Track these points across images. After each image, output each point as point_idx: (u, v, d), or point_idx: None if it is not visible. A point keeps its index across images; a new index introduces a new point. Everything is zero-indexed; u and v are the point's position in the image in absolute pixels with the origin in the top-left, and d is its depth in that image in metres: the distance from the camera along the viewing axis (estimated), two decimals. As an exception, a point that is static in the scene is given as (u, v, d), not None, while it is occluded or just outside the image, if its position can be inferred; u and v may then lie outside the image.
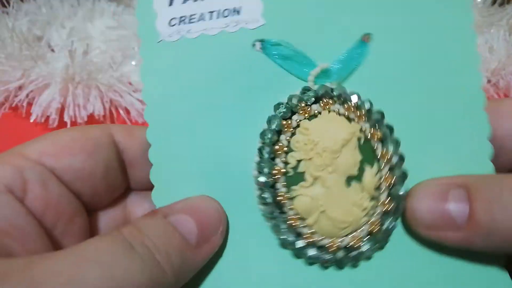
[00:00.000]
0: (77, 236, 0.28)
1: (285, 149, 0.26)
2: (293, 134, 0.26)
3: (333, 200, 0.26)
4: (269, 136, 0.26)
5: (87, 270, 0.19)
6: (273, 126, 0.26)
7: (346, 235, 0.26)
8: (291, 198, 0.26)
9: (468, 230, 0.23)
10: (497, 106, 0.27)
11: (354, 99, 0.26)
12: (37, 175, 0.26)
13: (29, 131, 0.50)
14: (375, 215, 0.26)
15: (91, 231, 0.30)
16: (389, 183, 0.26)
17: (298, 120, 0.26)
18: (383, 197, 0.26)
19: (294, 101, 0.26)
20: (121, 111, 0.51)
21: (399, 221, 0.26)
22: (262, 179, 0.26)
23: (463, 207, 0.23)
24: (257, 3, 0.27)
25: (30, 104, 0.50)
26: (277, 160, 0.26)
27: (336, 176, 0.26)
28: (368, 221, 0.26)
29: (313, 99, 0.26)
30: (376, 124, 0.26)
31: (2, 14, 0.55)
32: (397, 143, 0.26)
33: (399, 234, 0.26)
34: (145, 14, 0.27)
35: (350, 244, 0.26)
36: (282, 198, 0.26)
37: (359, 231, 0.26)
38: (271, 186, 0.26)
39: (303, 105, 0.26)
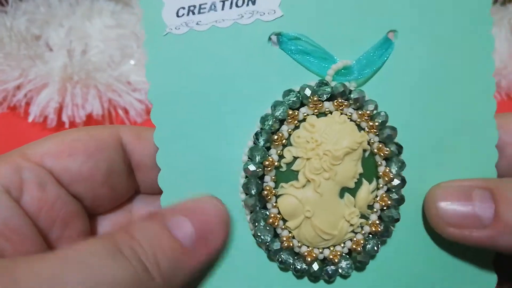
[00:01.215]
0: (75, 240, 0.27)
1: (284, 141, 0.24)
2: (296, 127, 0.24)
3: (321, 208, 0.24)
4: (270, 122, 0.24)
5: (69, 272, 0.19)
6: (277, 113, 0.24)
7: (327, 248, 0.25)
8: (277, 195, 0.24)
9: (493, 229, 0.23)
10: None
11: (371, 107, 0.24)
12: (35, 176, 0.25)
13: (27, 131, 0.50)
14: (361, 233, 0.25)
15: (92, 235, 0.29)
16: (384, 204, 0.24)
17: (305, 114, 0.24)
18: (374, 217, 0.25)
19: (307, 92, 0.24)
20: (119, 111, 0.51)
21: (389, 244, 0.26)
22: (251, 167, 0.24)
23: (488, 207, 0.23)
24: None
25: (28, 104, 0.50)
26: (272, 151, 0.24)
27: (331, 184, 0.24)
28: (353, 238, 0.25)
29: (328, 95, 0.24)
30: (386, 140, 0.24)
31: (0, 13, 0.54)
32: (402, 165, 0.24)
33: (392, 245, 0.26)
34: (151, 2, 0.24)
35: (329, 257, 0.24)
36: (267, 192, 0.24)
37: (340, 246, 0.25)
38: (259, 177, 0.24)
39: (315, 99, 0.24)
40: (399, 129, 0.25)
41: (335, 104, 0.24)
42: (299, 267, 0.24)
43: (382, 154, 0.24)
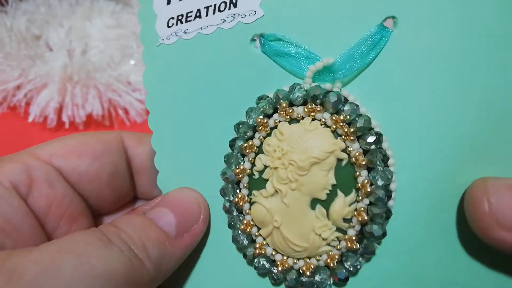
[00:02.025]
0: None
1: (255, 149, 0.23)
2: (268, 134, 0.23)
3: (290, 219, 0.23)
4: (243, 130, 0.24)
5: (64, 260, 0.20)
6: (250, 121, 0.23)
7: (302, 258, 0.24)
8: (251, 203, 0.24)
9: None
10: None
11: (347, 111, 0.22)
12: (44, 174, 0.26)
13: (27, 131, 0.50)
14: (337, 248, 0.23)
15: None
16: (362, 219, 0.22)
17: (277, 121, 0.23)
18: (351, 232, 0.22)
19: (278, 98, 0.23)
20: (119, 111, 0.51)
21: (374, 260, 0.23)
22: (227, 173, 0.24)
23: None
24: None
25: (28, 104, 0.51)
26: (245, 159, 0.24)
27: (298, 195, 0.22)
28: (329, 252, 0.23)
29: (301, 100, 0.23)
30: (370, 149, 0.22)
31: (0, 13, 0.55)
32: (388, 176, 0.22)
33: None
34: (146, 16, 0.26)
35: (302, 269, 0.23)
36: (239, 200, 0.24)
37: (315, 259, 0.23)
38: (236, 183, 0.24)
39: (284, 105, 0.23)
40: (398, 130, 0.22)
41: (306, 110, 0.23)
42: (274, 275, 0.24)
43: (359, 164, 0.22)
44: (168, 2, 0.26)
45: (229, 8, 0.24)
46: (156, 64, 0.26)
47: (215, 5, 0.25)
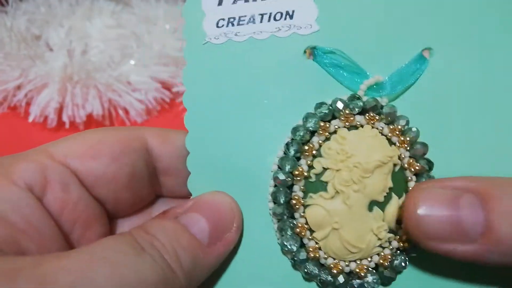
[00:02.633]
0: (95, 241, 0.27)
1: (314, 152, 0.24)
2: (327, 139, 0.25)
3: (350, 221, 0.24)
4: (301, 133, 0.24)
5: (97, 269, 0.19)
6: (309, 125, 0.24)
7: (353, 261, 0.24)
8: (306, 205, 0.24)
9: (482, 243, 0.20)
10: None
11: (402, 123, 0.24)
12: (59, 176, 0.25)
13: (28, 131, 0.50)
14: (388, 248, 0.24)
15: None
16: None
17: (337, 126, 0.24)
18: (402, 232, 0.24)
19: (339, 105, 0.24)
20: (120, 111, 0.51)
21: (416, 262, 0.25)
22: (281, 176, 0.24)
23: (477, 217, 0.20)
24: (312, 7, 0.25)
25: (28, 104, 0.50)
26: (302, 161, 0.24)
27: (360, 196, 0.24)
28: (380, 252, 0.24)
29: (360, 109, 0.24)
30: (417, 156, 0.24)
31: (0, 13, 0.55)
32: None
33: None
34: (192, 13, 0.25)
35: (355, 271, 0.24)
36: (296, 202, 0.24)
37: (367, 260, 0.24)
38: (288, 187, 0.24)
39: (347, 112, 0.24)
40: (431, 145, 0.24)
41: (367, 118, 0.24)
42: (324, 279, 0.24)
43: (412, 169, 0.24)
44: (220, 3, 0.25)
45: (285, 19, 0.25)
46: (200, 62, 0.25)
47: (270, 13, 0.25)
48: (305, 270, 0.24)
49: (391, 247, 0.24)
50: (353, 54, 0.25)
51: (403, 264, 0.24)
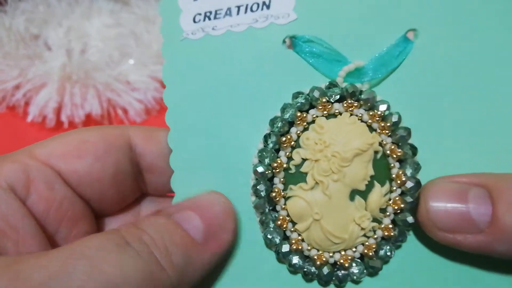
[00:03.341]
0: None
1: (293, 143, 0.24)
2: (305, 129, 0.24)
3: (330, 211, 0.23)
4: (279, 125, 0.24)
5: (74, 265, 0.18)
6: (286, 116, 0.24)
7: (338, 252, 0.24)
8: (286, 198, 0.24)
9: (489, 233, 0.21)
10: None
11: (383, 108, 0.24)
12: (43, 176, 0.25)
13: (26, 130, 0.50)
14: (373, 238, 0.24)
15: None
16: (397, 208, 0.23)
17: (314, 116, 0.24)
18: (386, 221, 0.24)
19: (316, 94, 0.24)
20: (119, 111, 0.51)
21: (402, 250, 0.24)
22: (260, 169, 0.24)
23: (485, 209, 0.21)
24: None
25: (27, 104, 0.50)
26: (281, 153, 0.24)
27: (340, 186, 0.23)
28: (364, 242, 0.24)
29: (338, 96, 0.24)
30: (400, 142, 0.24)
31: (-1, 12, 0.54)
32: (417, 167, 0.23)
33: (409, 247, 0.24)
34: (169, 9, 0.25)
35: (339, 262, 0.24)
36: (276, 194, 0.24)
37: (352, 250, 0.24)
38: (268, 179, 0.24)
39: (324, 100, 0.24)
40: (417, 130, 0.24)
41: (345, 105, 0.24)
42: (308, 271, 0.24)
43: (395, 156, 0.23)
44: None
45: (262, 9, 0.25)
46: (179, 58, 0.25)
47: (247, 5, 0.25)
48: (289, 262, 0.24)
49: (375, 236, 0.24)
50: (333, 41, 0.25)
51: (388, 253, 0.24)
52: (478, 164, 0.24)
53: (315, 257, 0.24)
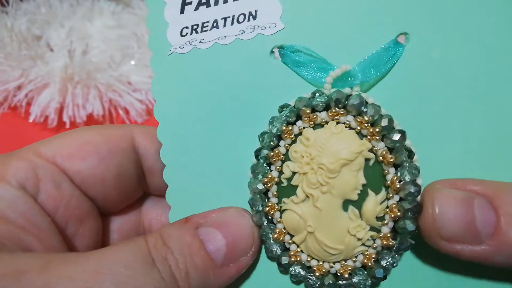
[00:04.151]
0: (88, 237, 0.28)
1: (282, 156, 0.24)
2: (293, 141, 0.24)
3: (323, 223, 0.23)
4: (267, 140, 0.24)
5: (102, 282, 0.19)
6: (274, 130, 0.24)
7: (338, 262, 0.24)
8: (282, 211, 0.24)
9: (491, 244, 0.20)
10: None
11: (370, 112, 0.22)
12: (51, 174, 0.25)
13: (28, 131, 0.51)
14: (372, 247, 0.23)
15: (104, 233, 0.30)
16: (394, 215, 0.22)
17: (301, 127, 0.24)
18: (385, 229, 0.23)
19: (300, 105, 0.23)
20: (120, 111, 0.51)
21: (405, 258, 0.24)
22: (253, 185, 0.24)
23: (489, 219, 0.20)
24: (275, 5, 0.24)
25: (29, 104, 0.51)
26: (272, 167, 0.24)
27: (329, 198, 0.23)
28: (364, 252, 0.23)
29: (323, 105, 0.23)
30: (394, 146, 0.22)
31: (1, 13, 0.55)
32: (415, 171, 0.22)
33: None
34: (156, 23, 0.25)
35: (339, 272, 0.23)
36: (269, 209, 0.24)
37: (352, 260, 0.24)
38: (264, 193, 0.24)
39: (307, 111, 0.23)
40: (409, 134, 0.23)
41: (330, 114, 0.23)
42: (311, 281, 0.24)
43: (387, 162, 0.22)
44: (182, 11, 0.25)
45: (249, 20, 0.24)
46: (167, 73, 0.25)
47: (233, 16, 0.25)
48: (291, 273, 0.24)
49: (375, 245, 0.23)
50: (321, 49, 0.24)
51: (389, 263, 0.23)
52: (471, 167, 0.23)
53: (315, 268, 0.24)
